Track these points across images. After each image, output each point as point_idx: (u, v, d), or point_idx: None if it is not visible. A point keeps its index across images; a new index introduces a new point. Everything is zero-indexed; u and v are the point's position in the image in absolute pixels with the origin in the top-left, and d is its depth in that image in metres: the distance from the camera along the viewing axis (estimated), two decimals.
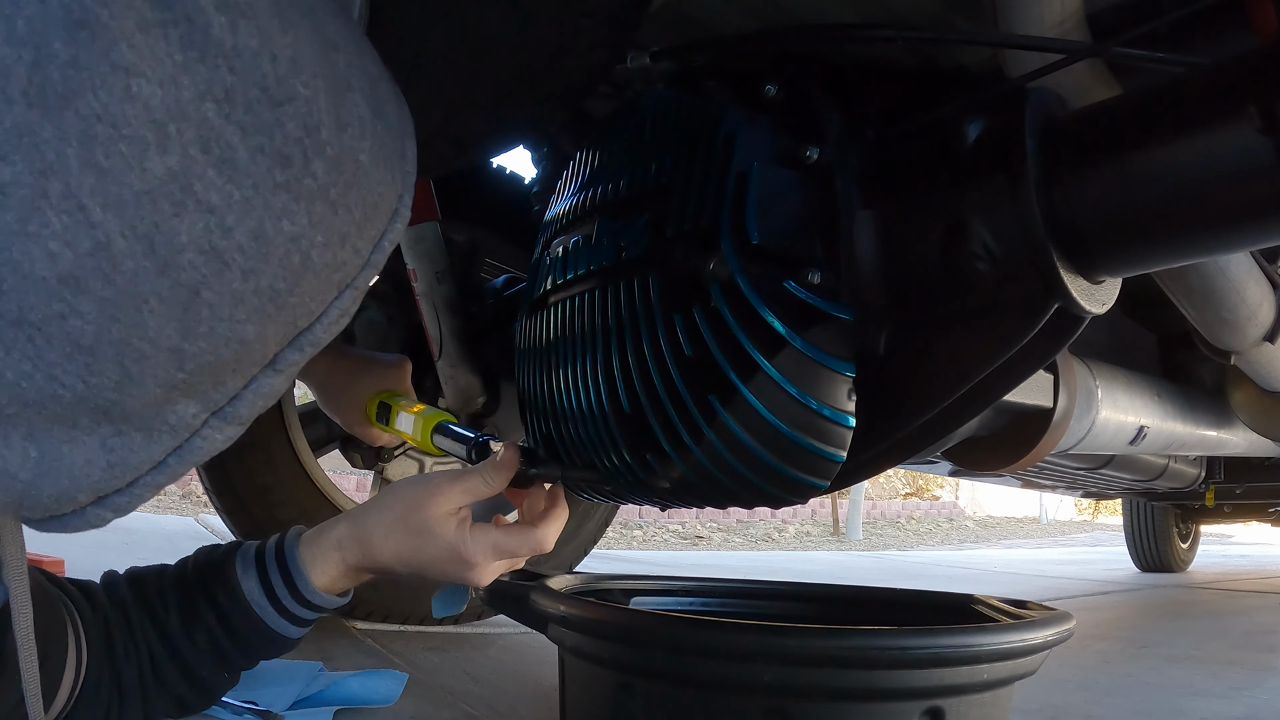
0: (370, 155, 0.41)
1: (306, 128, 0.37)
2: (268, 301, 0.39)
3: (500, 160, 1.82)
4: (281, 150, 0.37)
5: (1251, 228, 0.60)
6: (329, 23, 0.40)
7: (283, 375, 0.44)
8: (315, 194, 0.39)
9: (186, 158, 0.35)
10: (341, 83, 0.39)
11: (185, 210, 0.35)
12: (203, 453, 0.42)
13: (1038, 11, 0.71)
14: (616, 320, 0.72)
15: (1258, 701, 1.25)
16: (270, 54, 0.36)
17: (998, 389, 0.71)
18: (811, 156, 0.69)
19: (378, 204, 0.43)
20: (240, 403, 0.43)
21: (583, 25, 0.73)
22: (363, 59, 0.42)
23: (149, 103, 0.34)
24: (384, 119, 0.42)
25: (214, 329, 0.38)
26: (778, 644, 0.62)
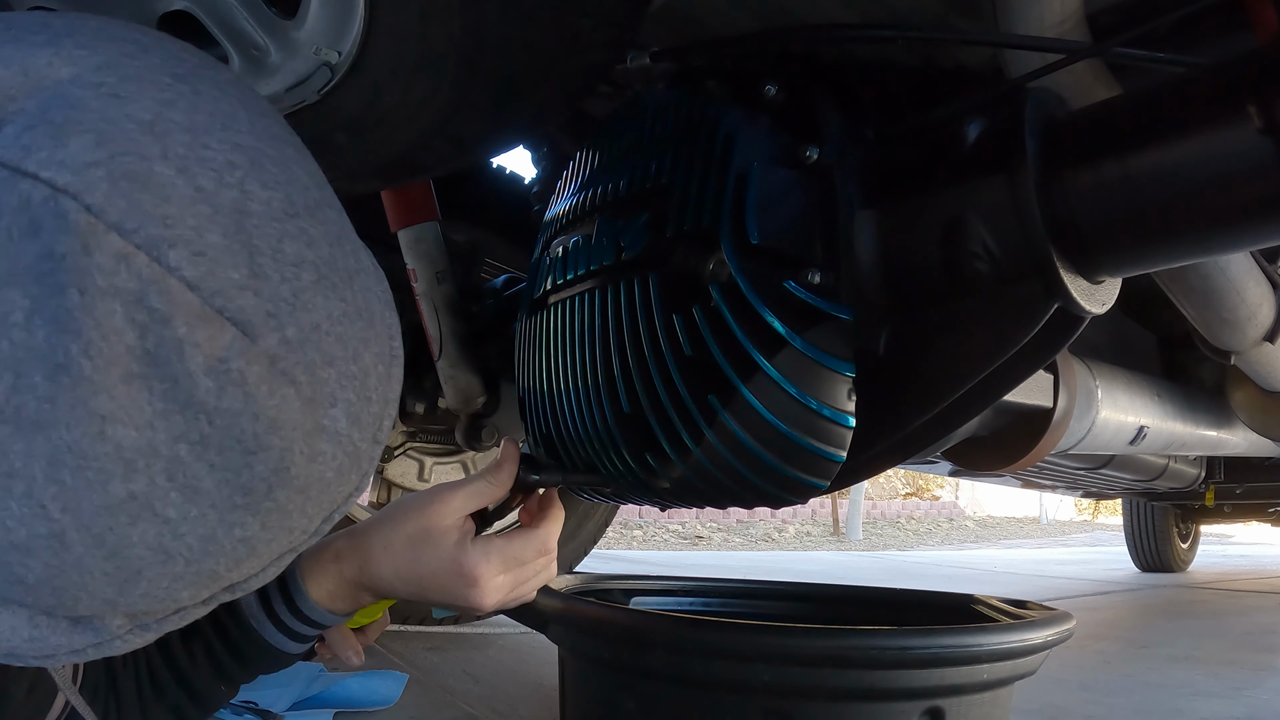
0: (338, 469, 0.42)
1: (275, 470, 0.38)
2: (207, 578, 0.41)
3: (500, 160, 1.82)
4: (246, 484, 0.38)
5: (1251, 228, 0.60)
6: (328, 336, 0.40)
7: (209, 606, 0.45)
8: (273, 510, 0.40)
9: (151, 484, 0.36)
10: (326, 403, 0.40)
11: (141, 521, 0.37)
12: (117, 650, 0.44)
13: (1038, 11, 0.71)
14: (616, 320, 0.72)
15: (1258, 701, 1.25)
16: (252, 414, 0.37)
17: (998, 389, 0.71)
18: (811, 156, 0.69)
19: (336, 498, 0.43)
20: (165, 623, 0.44)
21: (583, 25, 0.73)
22: (359, 355, 0.41)
23: (120, 443, 0.35)
24: (363, 421, 0.42)
25: (150, 593, 0.40)
26: (778, 644, 0.62)
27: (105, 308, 0.33)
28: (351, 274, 0.42)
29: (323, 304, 0.39)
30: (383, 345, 0.44)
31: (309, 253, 0.39)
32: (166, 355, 0.34)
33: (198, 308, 0.35)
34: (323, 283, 0.39)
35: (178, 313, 0.34)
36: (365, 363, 0.42)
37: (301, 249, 0.39)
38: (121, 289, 0.33)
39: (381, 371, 0.44)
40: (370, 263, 0.45)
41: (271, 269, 0.37)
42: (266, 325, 0.37)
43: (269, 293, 0.37)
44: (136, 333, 0.34)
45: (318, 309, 0.39)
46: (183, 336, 0.34)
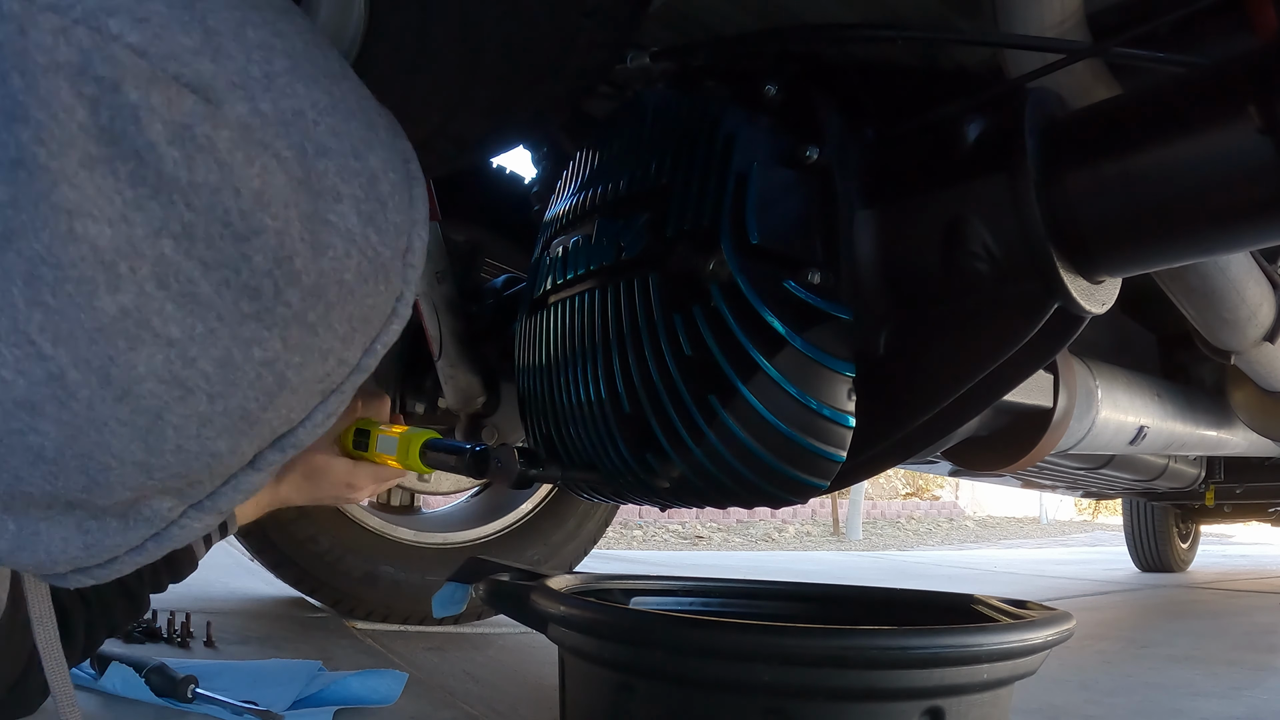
0: (358, 272, 0.39)
1: (277, 259, 0.35)
2: (239, 420, 0.38)
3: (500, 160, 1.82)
4: (249, 284, 0.35)
5: (1251, 228, 0.59)
6: (318, 126, 0.37)
7: (264, 473, 0.42)
8: (290, 320, 0.37)
9: (142, 295, 0.33)
10: (328, 195, 0.37)
11: (142, 344, 0.34)
12: (180, 539, 0.42)
13: (1038, 11, 0.71)
14: (616, 320, 0.72)
15: (1258, 701, 1.25)
16: (232, 188, 0.34)
17: (998, 389, 0.71)
18: (811, 156, 0.69)
19: (368, 315, 0.41)
20: (220, 498, 0.42)
21: (583, 25, 0.73)
22: (363, 158, 0.39)
23: (96, 243, 0.32)
24: (380, 224, 0.40)
25: (181, 446, 0.37)
26: (778, 644, 0.62)
27: (49, 85, 0.31)
28: (339, 76, 0.39)
29: (305, 92, 0.36)
30: (393, 157, 0.41)
31: (278, 42, 0.36)
32: (123, 127, 0.32)
33: (147, 71, 0.32)
34: (300, 72, 0.37)
35: (126, 77, 0.31)
36: (371, 165, 0.39)
37: (268, 37, 0.36)
38: (64, 63, 0.31)
39: (397, 182, 0.41)
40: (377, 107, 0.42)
41: (234, 48, 0.34)
42: (232, 94, 0.34)
43: (233, 68, 0.34)
44: (87, 108, 0.31)
45: (299, 95, 0.36)
46: (136, 102, 0.32)
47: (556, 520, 1.65)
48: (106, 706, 0.88)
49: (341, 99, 0.39)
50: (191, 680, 0.88)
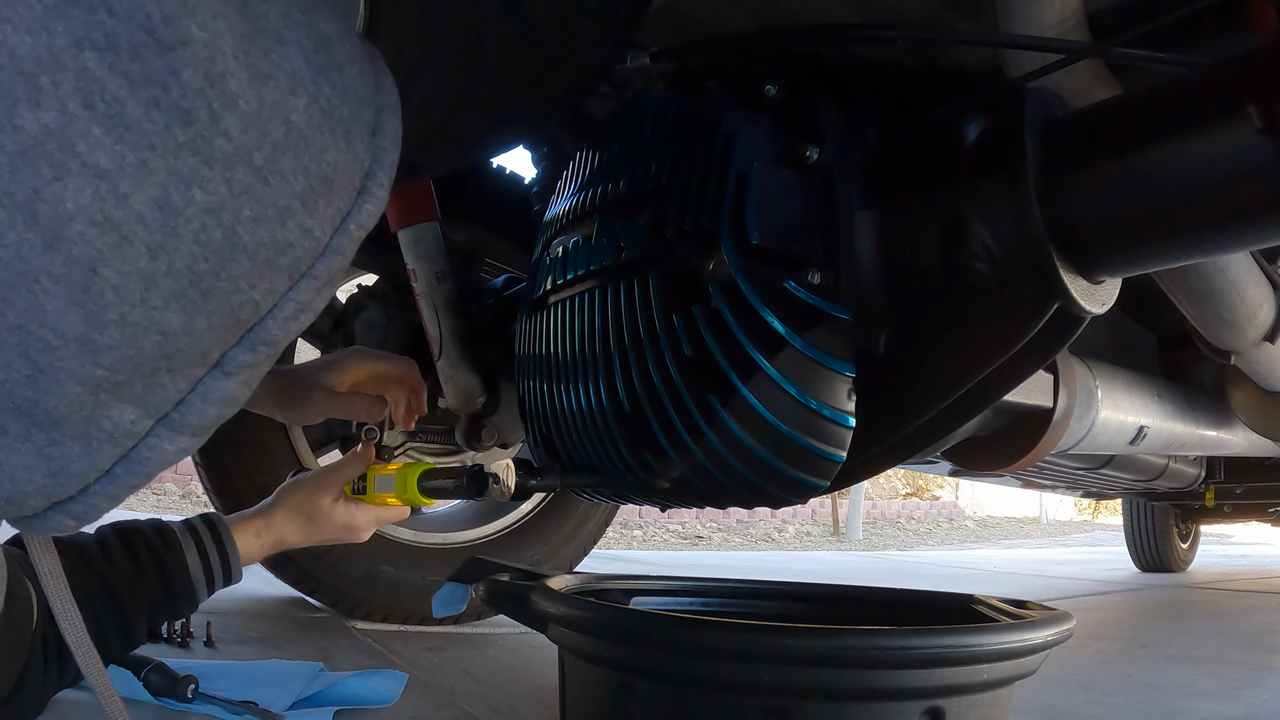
0: (307, 116, 0.35)
1: (208, 76, 0.32)
2: (188, 285, 0.34)
3: (500, 160, 1.82)
4: (179, 104, 0.32)
5: (1251, 228, 0.59)
6: None
7: (236, 379, 0.38)
8: (233, 157, 0.33)
9: (65, 114, 0.30)
10: (266, 32, 0.34)
11: (68, 174, 0.31)
12: (152, 464, 0.38)
13: (1038, 11, 0.71)
14: (616, 320, 0.72)
15: (1258, 701, 1.25)
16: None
17: (998, 389, 0.71)
18: (811, 156, 0.69)
19: (330, 177, 0.37)
20: (188, 409, 0.38)
21: (583, 25, 0.73)
22: (311, 15, 0.36)
23: (15, 52, 0.29)
24: (334, 81, 0.36)
25: (125, 315, 0.33)
26: (778, 644, 0.62)
27: None
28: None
29: None
30: (351, 36, 0.38)
31: None
32: None
33: None
34: None
35: None
36: (321, 26, 0.36)
37: None
38: None
39: (356, 55, 0.38)
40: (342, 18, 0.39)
41: None
42: None
43: None
44: None
45: None
46: None
47: (556, 520, 1.65)
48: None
49: None
50: (191, 680, 0.88)
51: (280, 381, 0.93)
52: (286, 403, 0.93)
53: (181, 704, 0.88)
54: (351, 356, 0.97)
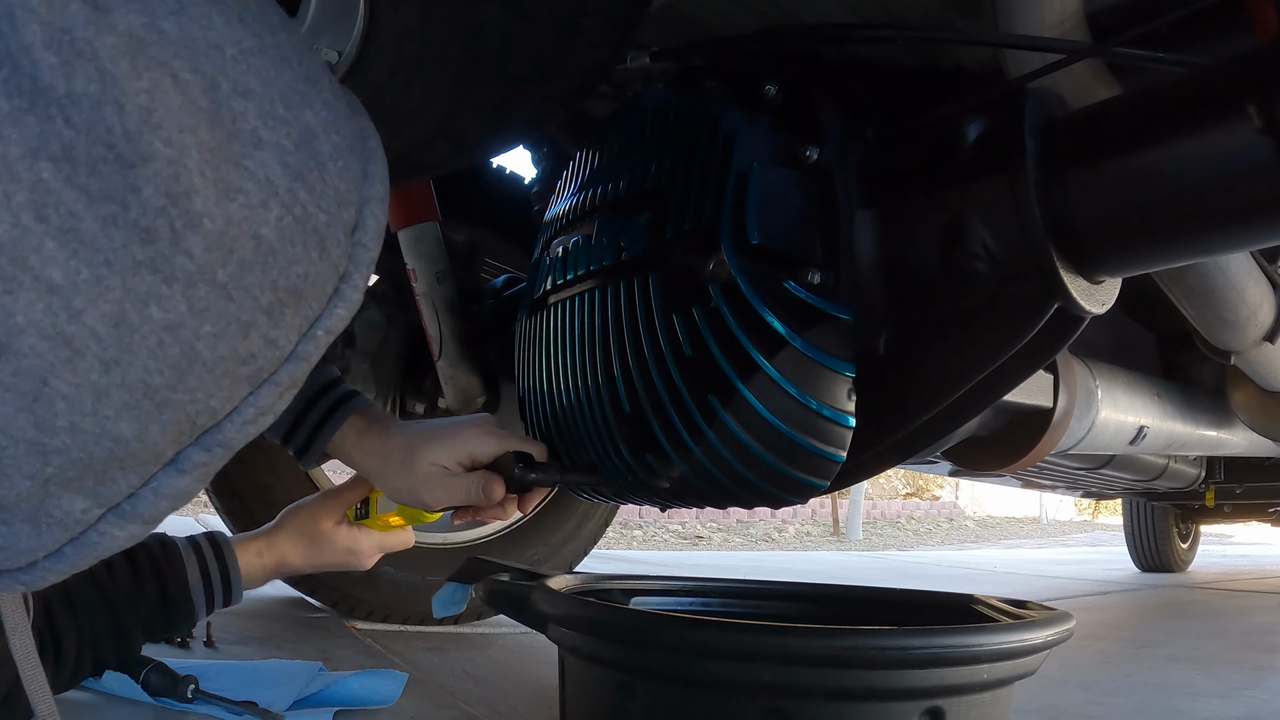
0: (279, 229, 0.34)
1: (171, 195, 0.31)
2: (142, 397, 0.33)
3: (500, 160, 1.82)
4: (139, 222, 0.30)
5: (1251, 228, 0.60)
6: (237, 63, 0.33)
7: (190, 476, 0.37)
8: (194, 276, 0.32)
9: (17, 226, 0.29)
10: (243, 138, 0.32)
11: (19, 287, 0.30)
12: (102, 547, 0.37)
13: (1038, 11, 0.71)
14: (616, 320, 0.72)
15: (1258, 701, 1.25)
16: (115, 103, 0.29)
17: (998, 389, 0.71)
18: (811, 156, 0.69)
19: (300, 288, 0.35)
20: (140, 501, 0.37)
21: (583, 25, 0.73)
22: (296, 110, 0.34)
23: None
24: (312, 185, 0.35)
25: (76, 424, 0.32)
26: (778, 644, 0.62)
27: None
28: (277, 26, 0.35)
29: (225, 28, 0.32)
30: (341, 123, 0.36)
31: None
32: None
33: None
34: (222, 6, 0.32)
35: None
36: (305, 120, 0.34)
37: None
38: None
39: (343, 147, 0.36)
40: (329, 76, 0.38)
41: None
42: (125, 5, 0.30)
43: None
44: None
45: (218, 29, 0.32)
46: (12, 0, 0.28)
47: (556, 521, 1.65)
48: (106, 706, 0.88)
49: (276, 47, 0.34)
50: (191, 680, 0.88)
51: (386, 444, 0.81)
52: (388, 473, 0.81)
53: (181, 704, 0.87)
54: (476, 435, 0.80)
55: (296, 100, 0.34)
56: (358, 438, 0.82)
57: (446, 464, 0.78)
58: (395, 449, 0.80)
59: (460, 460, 0.79)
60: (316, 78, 0.36)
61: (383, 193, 0.39)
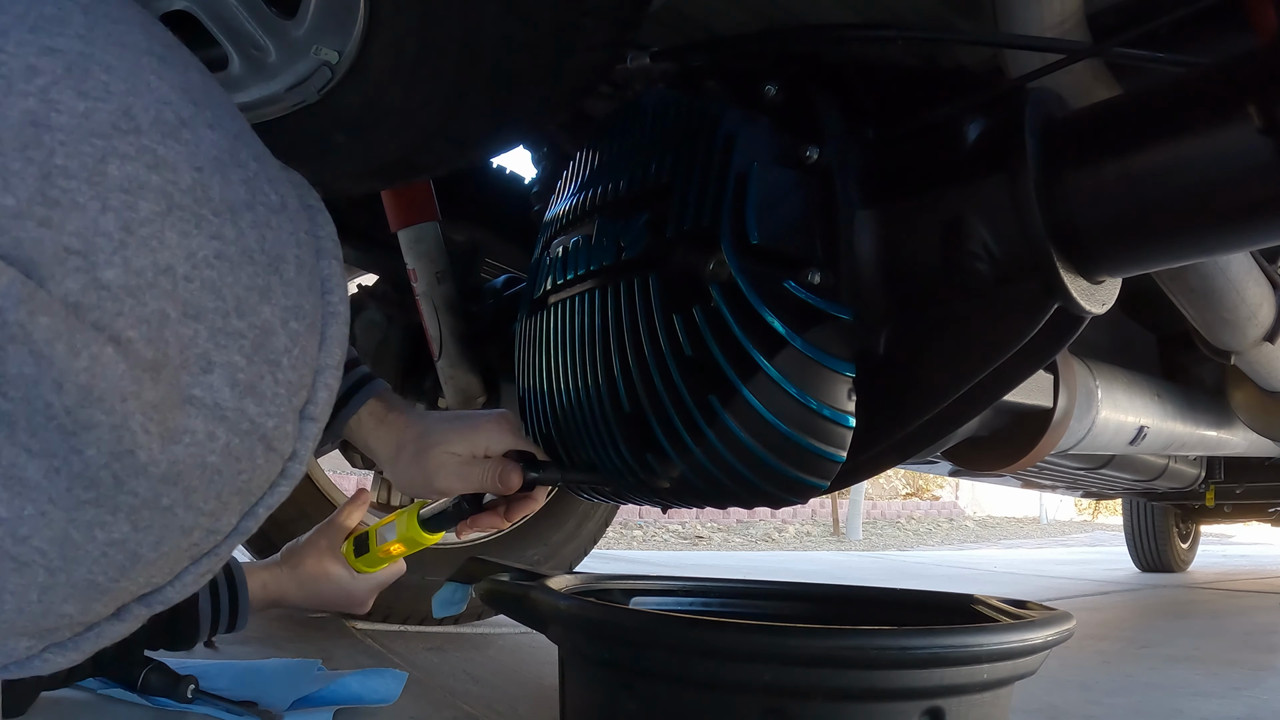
0: (225, 453, 0.34)
1: (114, 453, 0.31)
2: (87, 589, 0.34)
3: (500, 160, 1.82)
4: (82, 474, 0.30)
5: (1251, 228, 0.60)
6: (190, 282, 0.31)
7: (130, 622, 0.38)
8: (139, 506, 0.32)
9: None
10: (192, 367, 0.32)
11: None
12: (45, 669, 0.38)
13: (1038, 12, 0.71)
14: (616, 320, 0.72)
15: (1258, 701, 1.25)
16: (52, 383, 0.29)
17: (998, 389, 0.71)
18: (811, 156, 0.69)
19: (245, 487, 0.36)
20: (82, 641, 0.38)
21: (583, 25, 0.73)
22: (249, 308, 0.33)
23: None
24: (262, 391, 0.34)
25: (23, 609, 0.33)
26: (778, 644, 0.62)
27: None
28: (236, 206, 0.33)
29: (179, 241, 0.31)
30: (300, 299, 0.36)
31: (153, 177, 0.31)
32: None
33: None
34: (178, 214, 0.31)
35: None
36: (263, 317, 0.34)
37: (139, 171, 0.30)
38: None
39: (300, 331, 0.36)
40: (296, 200, 0.38)
41: (84, 194, 0.29)
42: (62, 265, 0.29)
43: (74, 225, 0.29)
44: None
45: (170, 247, 0.31)
46: None
47: (556, 521, 1.65)
48: (105, 707, 0.88)
49: (238, 237, 0.33)
50: (191, 680, 0.88)
51: (403, 432, 0.80)
52: (401, 460, 0.79)
53: (181, 704, 0.87)
54: (495, 429, 0.79)
55: (256, 299, 0.34)
56: (375, 424, 0.80)
57: (461, 453, 0.78)
58: (411, 438, 0.79)
59: (476, 452, 0.79)
60: (280, 255, 0.35)
61: (338, 355, 0.39)
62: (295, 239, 0.36)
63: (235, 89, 0.81)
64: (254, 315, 0.34)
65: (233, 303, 0.33)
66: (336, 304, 0.38)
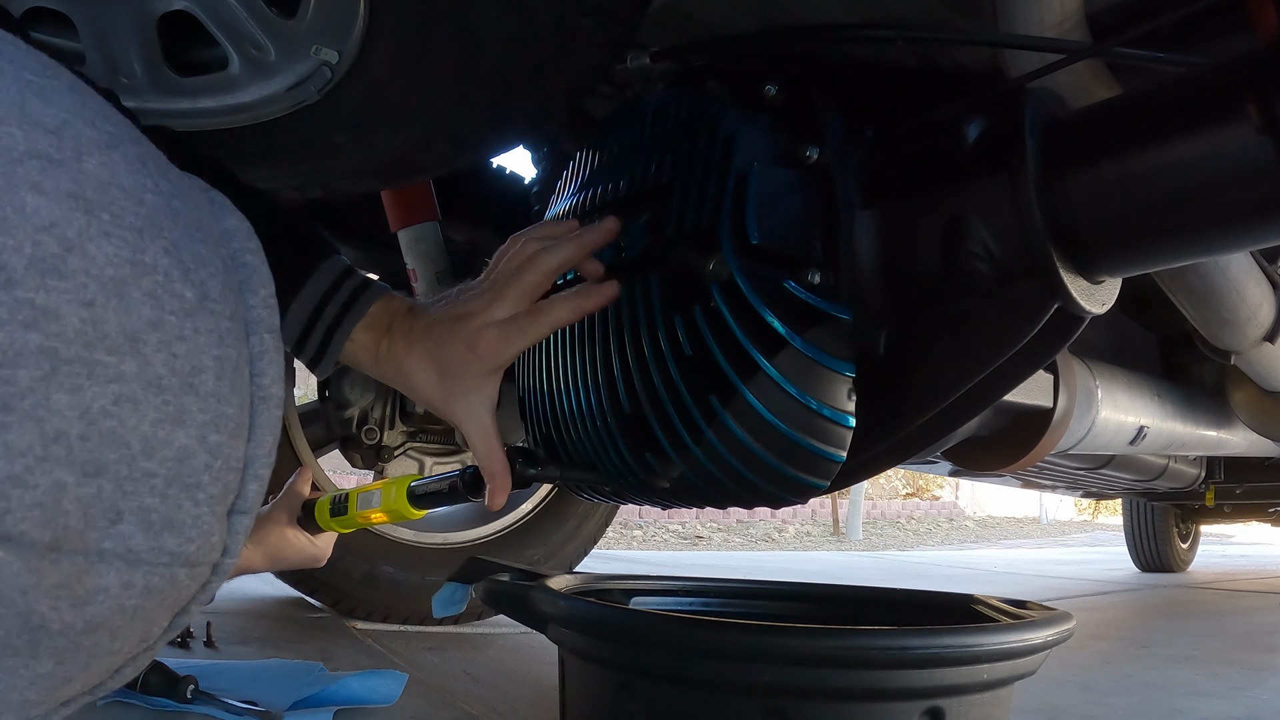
0: (146, 590, 0.31)
1: (25, 629, 0.29)
2: (21, 707, 0.31)
3: (500, 160, 1.82)
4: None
5: (1251, 228, 0.59)
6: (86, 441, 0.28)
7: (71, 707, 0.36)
8: (61, 651, 0.31)
9: None
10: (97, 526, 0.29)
11: None
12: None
13: (1038, 11, 0.71)
14: (616, 320, 0.72)
15: (1258, 701, 1.25)
16: None
17: (998, 389, 0.71)
18: (811, 156, 0.69)
19: (174, 605, 0.34)
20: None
21: (583, 25, 0.73)
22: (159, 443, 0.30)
23: None
24: (181, 520, 0.31)
25: None
26: (778, 644, 0.62)
27: None
28: (138, 334, 0.29)
29: (69, 401, 0.27)
30: (224, 407, 0.32)
31: (31, 336, 0.26)
32: None
33: None
34: (65, 370, 0.27)
35: None
36: (176, 446, 0.30)
37: (15, 334, 0.26)
38: None
39: (221, 441, 0.32)
40: (220, 274, 0.33)
41: None
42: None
43: None
44: None
45: (58, 411, 0.27)
46: None
47: (556, 520, 1.65)
48: (105, 707, 0.88)
49: (141, 369, 0.29)
50: (191, 680, 0.88)
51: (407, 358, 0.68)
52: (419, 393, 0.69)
53: (180, 704, 0.87)
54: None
55: (164, 431, 0.30)
56: (375, 350, 0.69)
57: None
58: (417, 380, 0.67)
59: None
60: (199, 365, 0.31)
61: (270, 440, 0.35)
62: (217, 336, 0.32)
63: (235, 89, 0.81)
64: (165, 449, 0.30)
65: (139, 445, 0.29)
66: (268, 386, 0.35)
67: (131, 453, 0.29)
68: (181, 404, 0.31)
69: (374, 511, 0.86)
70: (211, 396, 0.32)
